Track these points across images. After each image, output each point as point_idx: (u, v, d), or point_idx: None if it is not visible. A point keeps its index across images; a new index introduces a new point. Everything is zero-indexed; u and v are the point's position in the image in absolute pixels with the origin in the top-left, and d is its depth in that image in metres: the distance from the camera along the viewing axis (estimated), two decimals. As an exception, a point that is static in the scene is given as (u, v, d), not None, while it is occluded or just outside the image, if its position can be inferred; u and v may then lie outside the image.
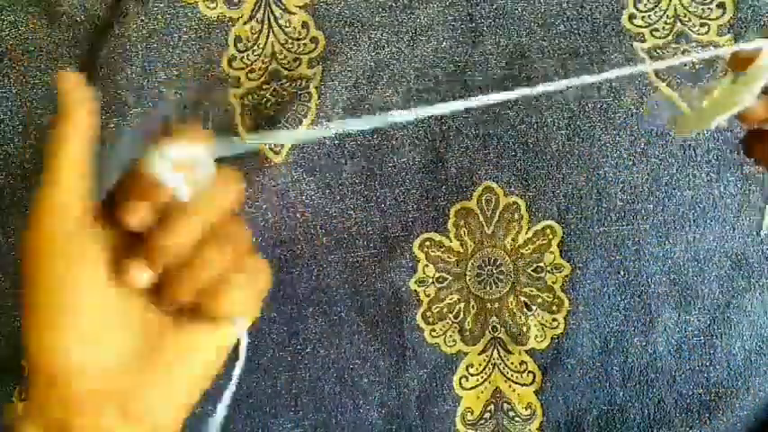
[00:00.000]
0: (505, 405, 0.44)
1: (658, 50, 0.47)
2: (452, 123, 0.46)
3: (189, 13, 0.47)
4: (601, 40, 0.47)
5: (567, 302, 0.45)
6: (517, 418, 0.44)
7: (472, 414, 0.44)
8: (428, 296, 0.45)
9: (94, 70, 0.46)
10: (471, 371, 0.45)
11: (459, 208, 0.45)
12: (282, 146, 0.45)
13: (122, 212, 0.25)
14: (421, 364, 0.45)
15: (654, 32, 0.47)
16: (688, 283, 0.44)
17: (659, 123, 0.46)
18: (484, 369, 0.45)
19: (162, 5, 0.46)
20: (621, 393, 0.44)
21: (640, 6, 0.47)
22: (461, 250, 0.45)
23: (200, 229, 0.25)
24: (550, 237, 0.45)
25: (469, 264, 0.45)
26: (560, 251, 0.45)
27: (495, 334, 0.45)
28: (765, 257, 0.45)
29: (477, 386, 0.45)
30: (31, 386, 0.25)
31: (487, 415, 0.44)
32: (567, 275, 0.45)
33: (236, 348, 0.27)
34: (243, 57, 0.47)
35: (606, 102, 0.46)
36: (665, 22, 0.47)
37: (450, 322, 0.45)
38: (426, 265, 0.45)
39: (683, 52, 0.47)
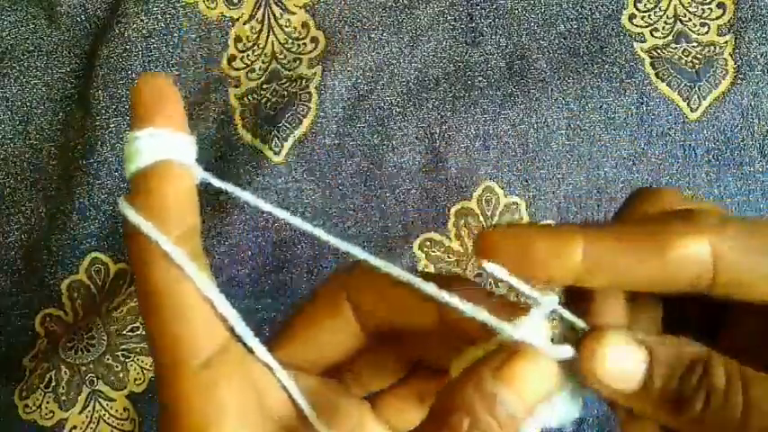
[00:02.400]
0: (505, 405, 0.44)
1: (658, 50, 0.47)
2: (452, 123, 0.46)
3: (189, 13, 0.47)
4: (601, 40, 0.47)
5: (567, 302, 0.45)
6: (517, 418, 0.44)
7: (472, 414, 0.44)
8: (428, 296, 0.45)
9: (94, 70, 0.46)
10: (471, 371, 0.45)
11: (459, 208, 0.45)
12: (282, 146, 0.45)
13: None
14: (421, 364, 0.45)
15: (654, 32, 0.47)
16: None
17: (659, 123, 0.46)
18: (484, 369, 0.45)
19: (162, 5, 0.46)
20: (621, 393, 0.44)
21: (640, 6, 0.47)
22: (461, 250, 0.45)
23: None
24: (550, 237, 0.45)
25: (469, 264, 0.45)
26: (560, 251, 0.45)
27: (495, 334, 0.45)
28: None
29: (477, 386, 0.45)
30: None
31: (487, 415, 0.44)
32: (566, 275, 0.45)
33: None
34: (243, 57, 0.47)
35: (606, 102, 0.46)
36: (665, 22, 0.47)
37: (450, 322, 0.45)
38: (426, 265, 0.45)
39: (683, 52, 0.47)
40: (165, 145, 0.19)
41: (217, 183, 0.21)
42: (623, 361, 0.18)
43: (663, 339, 0.19)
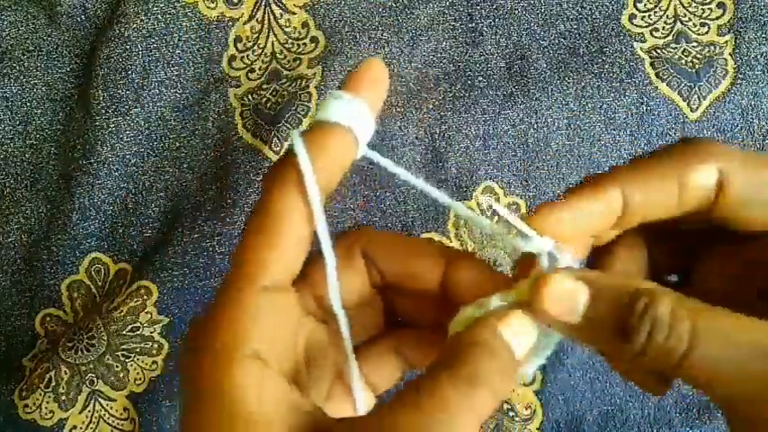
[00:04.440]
0: (505, 405, 0.44)
1: (658, 50, 0.47)
2: (452, 123, 0.46)
3: (189, 13, 0.47)
4: (601, 40, 0.47)
5: (566, 302, 0.45)
6: (517, 418, 0.44)
7: (472, 414, 0.44)
8: (428, 296, 0.45)
9: (94, 70, 0.46)
10: (471, 371, 0.45)
11: (459, 208, 0.45)
12: (282, 146, 0.45)
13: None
14: (421, 364, 0.45)
15: (654, 32, 0.47)
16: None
17: (659, 123, 0.46)
18: (484, 369, 0.45)
19: (162, 5, 0.46)
20: (621, 393, 0.44)
21: (640, 6, 0.47)
22: (461, 250, 0.45)
23: None
24: (550, 237, 0.45)
25: (469, 264, 0.45)
26: (560, 251, 0.45)
27: (495, 334, 0.45)
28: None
29: (477, 386, 0.45)
30: None
31: (487, 415, 0.44)
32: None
33: None
34: (243, 57, 0.47)
35: (606, 102, 0.46)
36: (665, 22, 0.47)
37: (450, 322, 0.45)
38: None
39: (683, 52, 0.47)
40: (354, 114, 0.22)
41: (377, 159, 0.24)
42: (565, 296, 0.20)
43: (606, 275, 0.22)
